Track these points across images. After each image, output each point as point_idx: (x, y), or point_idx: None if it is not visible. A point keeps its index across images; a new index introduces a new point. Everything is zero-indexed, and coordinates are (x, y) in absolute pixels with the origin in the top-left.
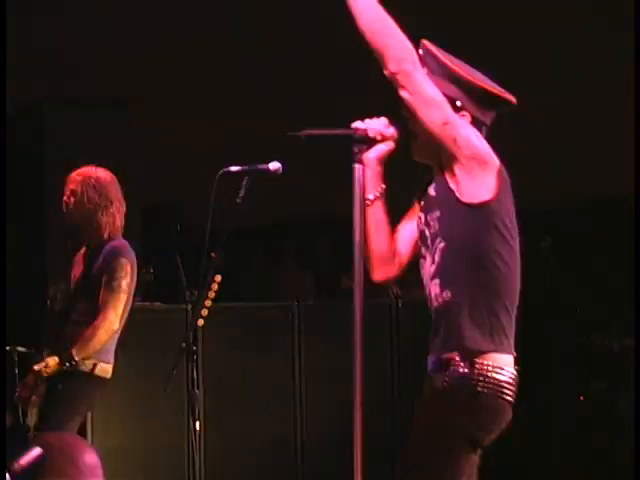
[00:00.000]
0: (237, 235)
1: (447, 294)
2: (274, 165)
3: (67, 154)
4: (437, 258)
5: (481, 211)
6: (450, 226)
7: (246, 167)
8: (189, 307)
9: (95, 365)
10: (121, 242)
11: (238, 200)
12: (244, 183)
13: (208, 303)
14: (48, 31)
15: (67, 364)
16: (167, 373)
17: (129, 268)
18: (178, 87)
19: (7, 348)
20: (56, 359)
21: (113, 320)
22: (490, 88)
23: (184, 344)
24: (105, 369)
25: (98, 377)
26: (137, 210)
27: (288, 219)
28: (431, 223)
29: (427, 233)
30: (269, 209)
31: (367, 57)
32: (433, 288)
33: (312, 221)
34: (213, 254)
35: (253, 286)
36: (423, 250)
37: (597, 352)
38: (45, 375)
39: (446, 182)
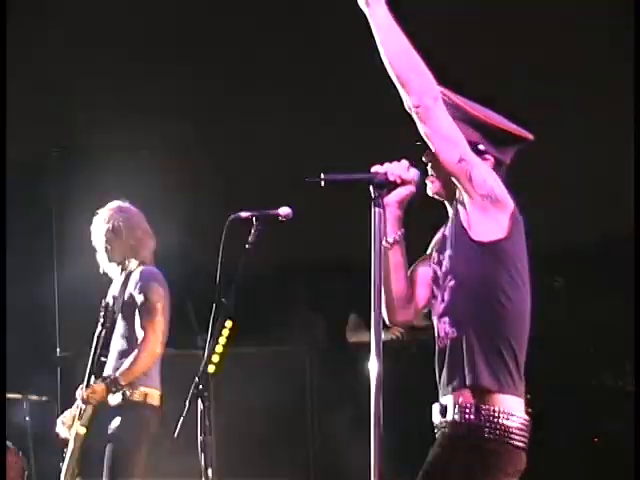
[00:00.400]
0: (248, 280)
1: (454, 332)
2: (284, 210)
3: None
4: (447, 296)
5: (492, 250)
6: (460, 264)
7: (256, 212)
8: (200, 352)
9: (146, 395)
10: (152, 268)
11: (248, 246)
12: (254, 228)
13: (219, 349)
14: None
15: (114, 389)
16: (178, 419)
17: (162, 292)
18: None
19: (19, 396)
20: (103, 385)
21: (154, 344)
22: (508, 128)
23: (195, 390)
24: (153, 396)
25: (151, 405)
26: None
27: (300, 264)
28: (443, 262)
29: (439, 272)
30: (281, 254)
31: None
32: (442, 327)
33: (327, 266)
34: (224, 299)
35: (265, 331)
36: (435, 289)
37: (611, 393)
38: (92, 402)
39: (459, 220)
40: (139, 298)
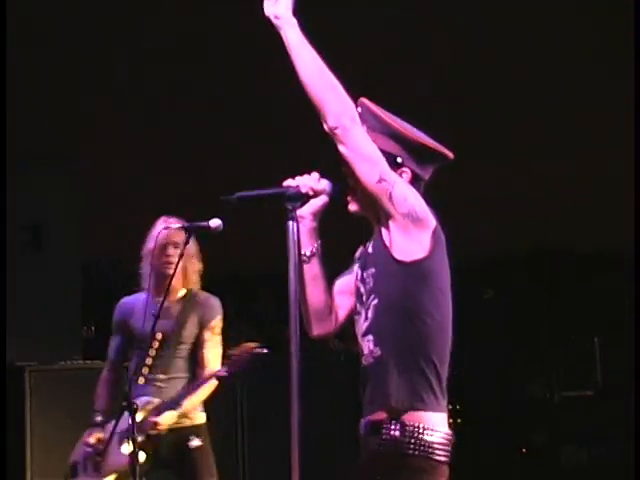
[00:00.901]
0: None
1: (377, 351)
2: (214, 222)
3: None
4: (370, 314)
5: (414, 269)
6: (383, 283)
7: (187, 224)
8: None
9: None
10: (211, 295)
11: (178, 256)
12: (185, 239)
13: (148, 361)
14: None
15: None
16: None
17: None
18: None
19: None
20: (174, 414)
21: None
22: (429, 143)
23: (124, 402)
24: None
25: (207, 424)
26: (77, 264)
27: (226, 276)
28: (367, 280)
29: (362, 290)
30: (210, 265)
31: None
32: (366, 345)
33: (251, 278)
34: (154, 311)
35: None
36: (358, 306)
37: (538, 404)
38: (161, 432)
39: (381, 239)
40: (205, 326)
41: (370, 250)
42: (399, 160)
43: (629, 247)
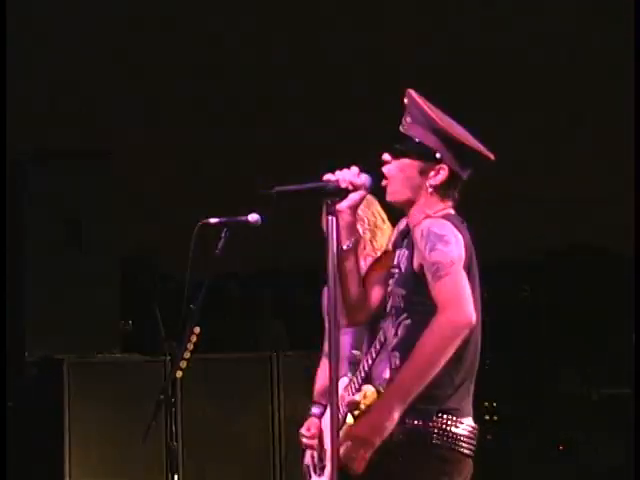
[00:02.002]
0: (217, 286)
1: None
2: (253, 217)
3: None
4: (401, 332)
5: None
6: (414, 305)
7: (225, 219)
8: (167, 358)
9: None
10: None
11: (217, 252)
12: (223, 235)
13: (187, 355)
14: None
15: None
16: (146, 425)
17: None
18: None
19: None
20: (373, 389)
21: None
22: (470, 143)
23: (162, 396)
24: None
25: None
26: (116, 259)
27: (266, 270)
28: (396, 299)
29: (391, 303)
30: (248, 260)
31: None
32: (392, 359)
33: (288, 271)
34: (192, 305)
35: (230, 336)
36: (387, 313)
37: (577, 401)
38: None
39: (411, 260)
40: None
41: (401, 269)
42: (438, 156)
43: None
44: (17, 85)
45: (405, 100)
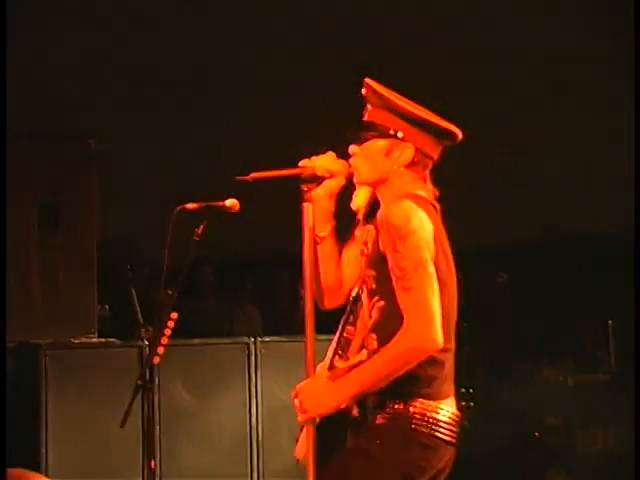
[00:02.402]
0: (194, 271)
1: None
2: (230, 202)
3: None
4: (375, 315)
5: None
6: (385, 286)
7: (202, 204)
8: (145, 343)
9: None
10: None
11: (195, 237)
12: (203, 221)
13: (164, 340)
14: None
15: None
16: (123, 410)
17: None
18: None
19: None
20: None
21: None
22: (431, 118)
23: (139, 381)
24: None
25: None
26: (93, 243)
27: (244, 255)
28: (368, 280)
29: (366, 285)
30: (226, 246)
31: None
32: (369, 341)
33: (266, 257)
34: (170, 291)
35: (207, 322)
36: (362, 295)
37: (552, 387)
38: None
39: (378, 242)
40: None
41: (369, 251)
42: (400, 135)
43: None
44: None
45: (363, 90)
